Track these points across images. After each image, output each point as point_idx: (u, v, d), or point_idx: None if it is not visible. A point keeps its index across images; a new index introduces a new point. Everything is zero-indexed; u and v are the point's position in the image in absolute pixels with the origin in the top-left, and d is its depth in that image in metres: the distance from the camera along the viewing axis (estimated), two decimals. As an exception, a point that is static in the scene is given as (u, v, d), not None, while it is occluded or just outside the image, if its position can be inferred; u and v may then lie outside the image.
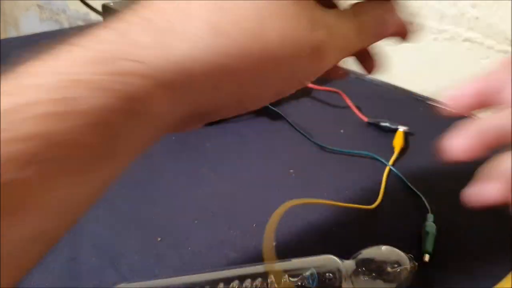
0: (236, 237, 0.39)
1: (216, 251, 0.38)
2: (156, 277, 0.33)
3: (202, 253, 0.37)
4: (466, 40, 0.64)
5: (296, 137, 0.55)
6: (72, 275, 0.34)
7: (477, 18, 0.62)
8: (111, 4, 0.61)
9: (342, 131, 0.56)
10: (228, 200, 0.43)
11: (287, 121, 0.56)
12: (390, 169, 0.49)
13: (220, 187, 0.45)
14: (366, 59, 0.34)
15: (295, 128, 0.55)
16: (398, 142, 0.53)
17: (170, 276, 0.33)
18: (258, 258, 0.37)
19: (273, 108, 0.60)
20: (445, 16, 0.65)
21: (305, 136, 0.53)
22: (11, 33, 1.83)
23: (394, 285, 0.34)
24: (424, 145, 0.55)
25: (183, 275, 0.33)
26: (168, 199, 0.43)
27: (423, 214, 0.42)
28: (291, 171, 0.48)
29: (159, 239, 0.38)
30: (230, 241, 0.39)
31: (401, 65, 0.73)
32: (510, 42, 0.61)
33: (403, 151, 0.52)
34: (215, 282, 0.32)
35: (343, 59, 0.29)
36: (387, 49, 0.77)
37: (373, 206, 0.43)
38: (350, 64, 0.82)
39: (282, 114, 0.59)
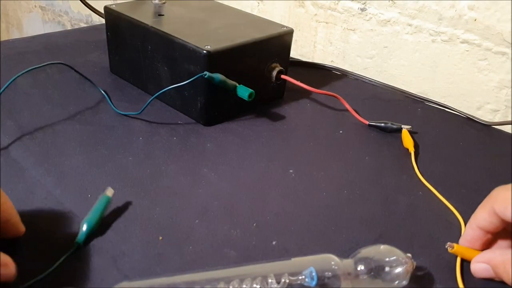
0: (236, 237, 0.40)
1: (217, 250, 0.38)
2: (157, 275, 0.33)
3: (203, 253, 0.38)
4: (464, 42, 0.65)
5: (296, 137, 0.55)
6: (74, 273, 0.35)
7: (475, 20, 0.63)
8: (113, 6, 0.62)
9: (341, 131, 0.57)
10: (228, 200, 0.44)
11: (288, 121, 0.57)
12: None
13: (220, 187, 0.46)
14: None
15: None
16: (408, 141, 0.54)
17: (171, 275, 0.33)
18: (258, 258, 0.37)
19: (273, 109, 0.60)
20: (443, 18, 0.65)
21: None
22: (14, 34, 1.84)
23: (392, 284, 0.34)
24: (431, 143, 0.55)
25: (184, 274, 0.33)
26: (169, 199, 0.43)
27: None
28: (291, 171, 0.49)
29: (160, 238, 0.39)
30: (230, 241, 0.39)
31: (400, 67, 0.73)
32: (507, 44, 0.61)
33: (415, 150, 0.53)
34: (216, 281, 0.32)
35: None
36: (385, 50, 0.78)
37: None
38: (349, 64, 0.83)
39: (282, 114, 0.59)
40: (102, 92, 0.60)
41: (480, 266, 0.37)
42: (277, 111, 0.61)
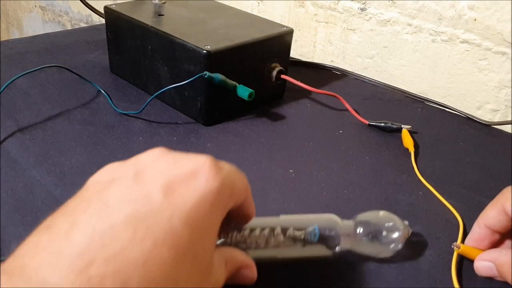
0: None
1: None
2: None
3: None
4: (464, 41, 0.65)
5: (296, 137, 0.55)
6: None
7: (475, 20, 0.63)
8: (113, 6, 0.62)
9: (341, 131, 0.57)
10: (228, 200, 0.44)
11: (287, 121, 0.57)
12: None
13: (220, 187, 0.45)
14: None
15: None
16: (408, 141, 0.54)
17: None
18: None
19: (273, 109, 0.60)
20: (443, 18, 0.65)
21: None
22: (14, 34, 1.84)
23: (388, 247, 0.37)
24: (431, 143, 0.56)
25: None
26: (169, 199, 0.43)
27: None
28: (291, 171, 0.49)
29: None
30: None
31: (399, 67, 0.73)
32: (507, 44, 0.61)
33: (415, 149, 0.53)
34: None
35: None
36: (385, 50, 0.78)
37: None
38: (349, 64, 0.83)
39: (283, 115, 0.59)
40: (103, 91, 0.60)
41: (484, 264, 0.36)
42: (277, 111, 0.61)
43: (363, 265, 0.38)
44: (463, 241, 0.40)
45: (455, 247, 0.38)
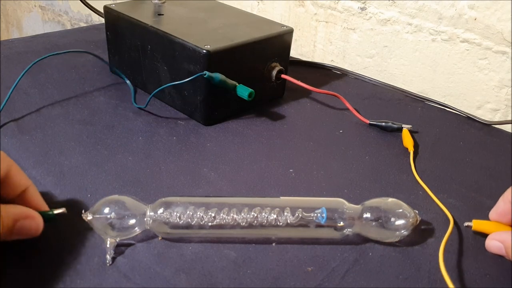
0: (236, 238, 0.39)
1: (217, 251, 0.38)
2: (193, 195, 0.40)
3: (203, 253, 0.38)
4: (464, 41, 0.65)
5: (296, 137, 0.55)
6: (74, 274, 0.35)
7: (475, 19, 0.63)
8: (113, 5, 0.62)
9: (341, 131, 0.57)
10: (228, 199, 0.44)
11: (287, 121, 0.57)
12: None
13: (220, 186, 0.45)
14: None
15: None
16: (408, 141, 0.54)
17: (205, 196, 0.41)
18: (258, 259, 0.37)
19: (273, 109, 0.60)
20: (443, 17, 0.65)
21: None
22: (14, 34, 1.83)
23: (395, 233, 0.38)
24: (431, 143, 0.55)
25: (215, 197, 0.41)
26: (169, 199, 0.43)
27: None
28: (291, 170, 0.49)
29: (160, 238, 0.39)
30: (230, 242, 0.39)
31: (400, 66, 0.73)
32: (507, 43, 0.61)
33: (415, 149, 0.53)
34: (241, 205, 0.38)
35: None
36: (385, 50, 0.78)
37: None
38: (349, 64, 0.83)
39: (282, 114, 0.59)
40: (128, 82, 0.61)
41: (494, 243, 0.38)
42: (277, 110, 0.61)
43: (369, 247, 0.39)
44: (458, 239, 0.40)
45: (467, 227, 0.40)
